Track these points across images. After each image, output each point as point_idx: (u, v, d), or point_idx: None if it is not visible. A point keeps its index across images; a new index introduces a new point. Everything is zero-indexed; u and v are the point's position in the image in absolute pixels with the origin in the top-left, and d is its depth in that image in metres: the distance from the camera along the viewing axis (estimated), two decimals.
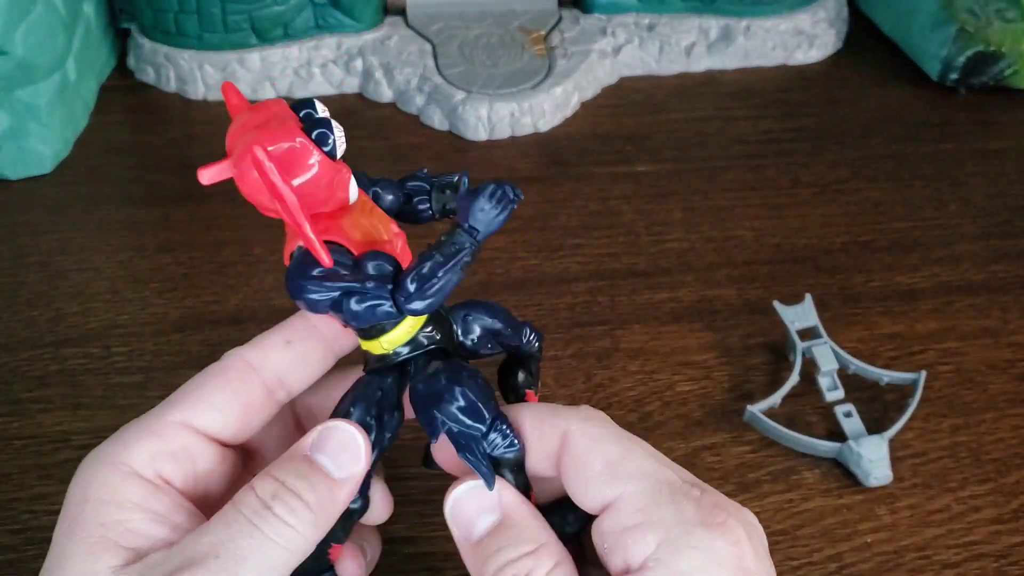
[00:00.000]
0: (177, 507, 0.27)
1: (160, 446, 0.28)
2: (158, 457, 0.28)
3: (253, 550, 0.25)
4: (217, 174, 0.26)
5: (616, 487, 0.26)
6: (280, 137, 0.25)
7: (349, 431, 0.27)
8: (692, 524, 0.25)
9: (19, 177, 0.57)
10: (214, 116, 0.63)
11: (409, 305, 0.27)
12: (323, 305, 0.27)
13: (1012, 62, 0.64)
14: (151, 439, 0.28)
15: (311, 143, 0.26)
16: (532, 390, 0.32)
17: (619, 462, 0.26)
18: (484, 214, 0.27)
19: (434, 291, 0.27)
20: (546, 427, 0.28)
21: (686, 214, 0.55)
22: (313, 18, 0.64)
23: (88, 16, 0.61)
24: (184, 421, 0.28)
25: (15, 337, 0.47)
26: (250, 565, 0.25)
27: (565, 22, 0.67)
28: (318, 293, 0.26)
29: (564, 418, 0.28)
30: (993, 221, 0.56)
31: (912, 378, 0.44)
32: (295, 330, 0.31)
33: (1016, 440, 0.43)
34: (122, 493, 0.27)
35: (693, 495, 0.26)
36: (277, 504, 0.25)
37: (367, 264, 0.27)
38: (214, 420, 0.29)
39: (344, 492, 0.27)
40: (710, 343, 0.47)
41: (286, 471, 0.26)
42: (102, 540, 0.26)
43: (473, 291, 0.50)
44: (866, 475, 0.41)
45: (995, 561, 0.38)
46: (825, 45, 0.69)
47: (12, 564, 0.37)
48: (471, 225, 0.27)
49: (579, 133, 0.62)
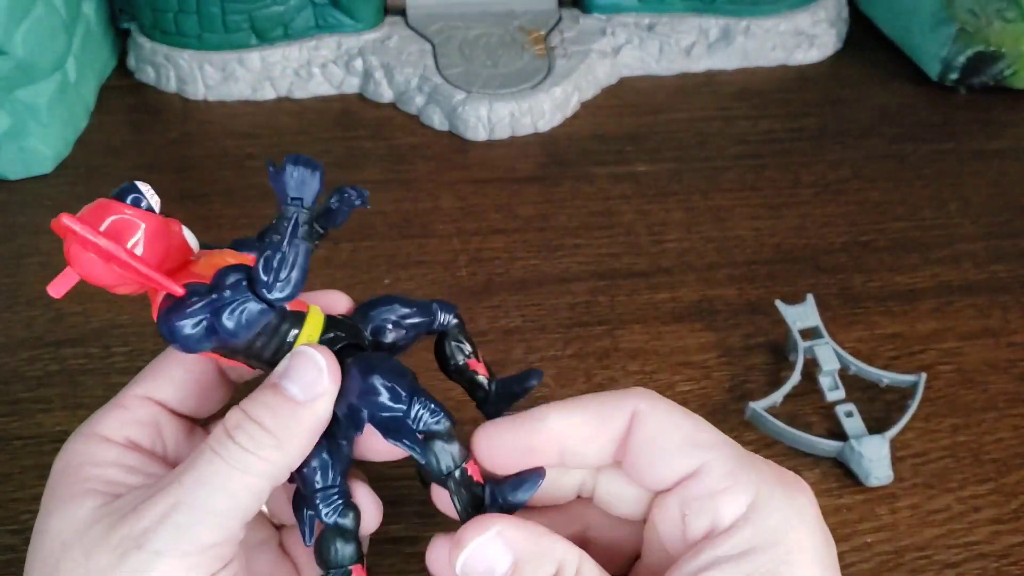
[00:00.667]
0: (150, 461, 0.30)
1: (126, 416, 0.30)
2: (125, 425, 0.30)
3: (213, 474, 0.26)
4: (63, 281, 0.27)
5: (699, 455, 0.28)
6: (97, 214, 0.26)
7: (311, 353, 0.28)
8: (772, 484, 0.27)
9: (19, 177, 0.57)
10: (214, 116, 0.63)
11: (272, 293, 0.27)
12: (197, 337, 0.27)
13: (1012, 62, 0.64)
14: (118, 411, 0.30)
15: (125, 206, 0.27)
16: (472, 358, 0.32)
17: (695, 433, 0.28)
18: (296, 180, 0.27)
19: (287, 269, 0.27)
20: (611, 411, 0.28)
21: (686, 214, 0.55)
22: (313, 18, 0.64)
23: (88, 16, 0.61)
24: (146, 394, 0.31)
25: (15, 337, 0.47)
26: (209, 489, 0.26)
27: (565, 22, 0.67)
28: (188, 324, 0.26)
29: (628, 399, 0.28)
30: (993, 221, 0.56)
31: (912, 380, 0.44)
32: None
33: (1016, 440, 0.43)
34: (97, 455, 0.29)
35: (759, 459, 0.28)
36: (238, 432, 0.27)
37: (220, 280, 0.27)
38: (171, 394, 0.31)
39: (309, 413, 0.27)
40: (710, 343, 0.47)
41: (252, 401, 0.28)
42: (82, 490, 0.28)
43: (473, 291, 0.50)
44: (867, 475, 0.41)
45: (995, 561, 0.38)
46: (825, 45, 0.69)
47: (12, 564, 0.37)
48: (292, 197, 0.27)
49: (579, 133, 0.62)
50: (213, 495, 0.26)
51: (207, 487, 0.26)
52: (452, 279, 0.50)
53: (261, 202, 0.56)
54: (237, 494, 0.26)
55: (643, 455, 0.28)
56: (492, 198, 0.56)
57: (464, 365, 0.32)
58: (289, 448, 0.27)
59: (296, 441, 0.27)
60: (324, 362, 0.28)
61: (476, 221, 0.54)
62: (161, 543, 0.26)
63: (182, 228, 0.29)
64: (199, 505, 0.26)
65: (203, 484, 0.26)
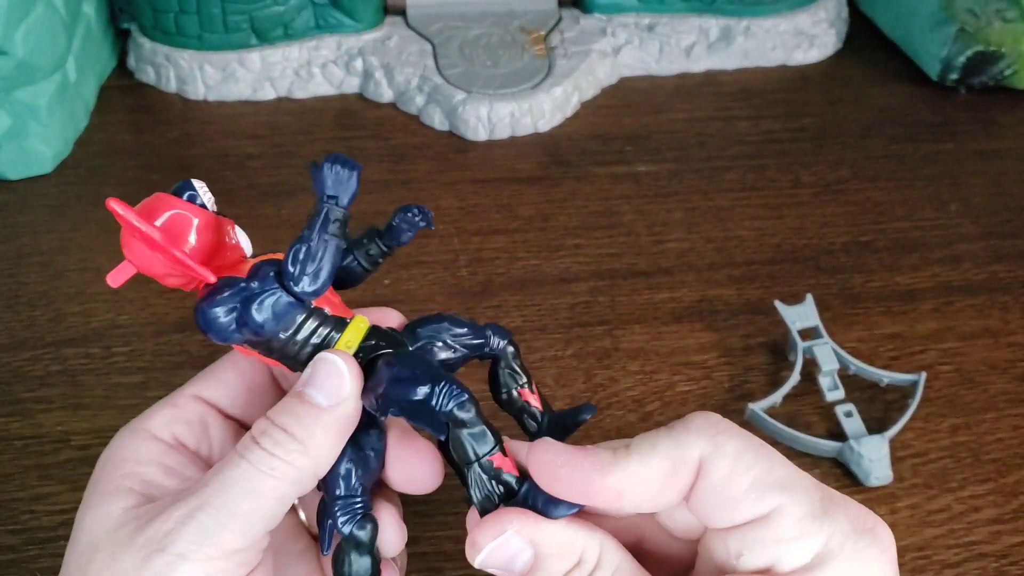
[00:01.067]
0: (190, 463, 0.30)
1: (176, 414, 0.30)
2: (173, 422, 0.30)
3: (239, 478, 0.27)
4: (121, 272, 0.28)
5: (769, 501, 0.26)
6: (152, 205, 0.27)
7: (331, 359, 0.28)
8: (846, 533, 0.26)
9: (20, 177, 0.57)
10: (214, 116, 0.63)
11: (299, 286, 0.27)
12: (227, 325, 0.27)
13: (1012, 62, 0.64)
14: (168, 408, 0.31)
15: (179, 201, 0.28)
16: (525, 388, 0.31)
17: (766, 474, 0.26)
18: (333, 178, 0.28)
19: (315, 261, 0.27)
20: (682, 460, 0.26)
21: (686, 214, 0.55)
22: (313, 18, 0.64)
23: (88, 16, 0.61)
24: (196, 393, 0.31)
25: (16, 337, 0.47)
26: (235, 492, 0.26)
27: (565, 22, 0.67)
28: (219, 312, 0.27)
29: (694, 445, 0.26)
30: (993, 221, 0.56)
31: (912, 379, 0.44)
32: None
33: (1016, 440, 0.43)
34: (139, 451, 0.29)
35: (838, 499, 0.26)
36: (264, 438, 0.27)
37: (254, 273, 0.28)
38: (221, 394, 0.31)
39: (333, 418, 0.28)
40: (710, 343, 0.47)
41: (277, 409, 0.28)
42: (118, 488, 0.28)
43: (473, 291, 0.50)
44: (867, 475, 0.41)
45: (995, 561, 0.38)
46: (825, 45, 0.69)
47: (12, 564, 0.37)
48: (328, 195, 0.28)
49: (579, 133, 0.62)
50: (238, 498, 0.26)
51: (232, 490, 0.26)
52: (452, 279, 0.50)
53: (261, 202, 0.56)
54: (262, 497, 0.27)
55: (709, 500, 0.26)
56: (492, 198, 0.56)
57: (516, 395, 0.31)
58: (314, 452, 0.27)
59: (321, 445, 0.27)
60: (345, 367, 0.28)
61: (476, 221, 0.54)
62: (184, 545, 0.26)
63: (235, 229, 0.29)
64: (223, 508, 0.26)
65: (229, 487, 0.26)
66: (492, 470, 0.28)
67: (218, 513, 0.26)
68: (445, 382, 0.27)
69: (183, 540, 0.26)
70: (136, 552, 0.26)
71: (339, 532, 0.29)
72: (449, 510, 0.40)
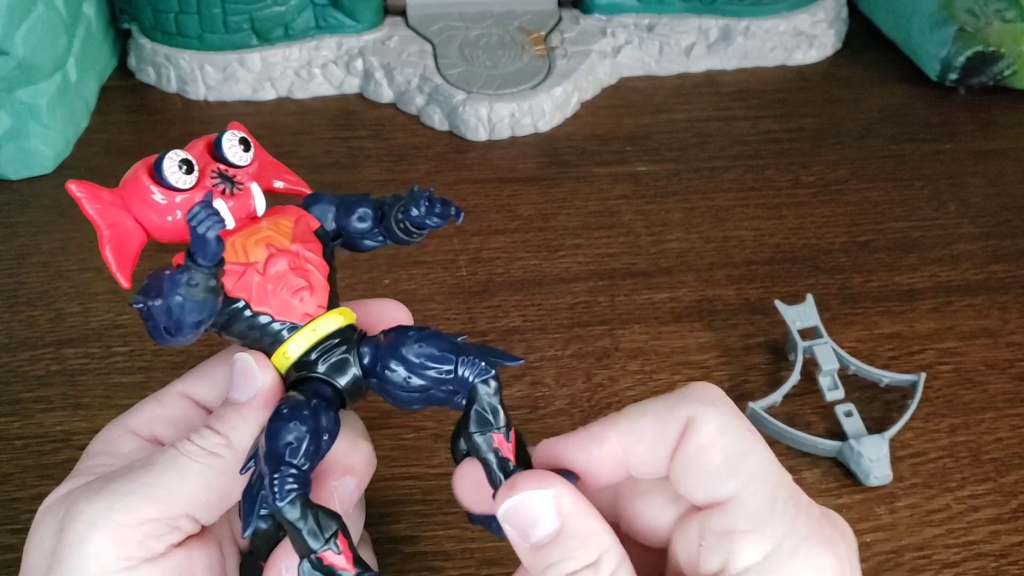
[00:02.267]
0: None
1: (159, 411, 0.31)
2: (156, 421, 0.31)
3: (161, 458, 0.28)
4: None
5: (732, 485, 0.25)
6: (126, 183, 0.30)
7: (242, 358, 0.29)
8: (801, 537, 0.25)
9: (20, 177, 0.57)
10: (214, 116, 0.63)
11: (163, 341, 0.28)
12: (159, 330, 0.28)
13: (1012, 62, 0.64)
14: (152, 405, 0.31)
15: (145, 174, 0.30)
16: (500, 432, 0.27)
17: (739, 458, 0.26)
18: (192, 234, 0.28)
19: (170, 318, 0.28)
20: (670, 417, 0.26)
21: (686, 214, 0.56)
22: (313, 18, 0.64)
23: (89, 16, 0.62)
24: (185, 392, 0.31)
25: (16, 337, 0.47)
26: (156, 468, 0.27)
27: (565, 22, 0.67)
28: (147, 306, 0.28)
29: (686, 404, 0.26)
30: (993, 221, 0.56)
31: (912, 380, 0.44)
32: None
33: (1016, 440, 0.43)
34: (115, 446, 0.30)
35: (803, 502, 0.26)
36: (193, 435, 0.28)
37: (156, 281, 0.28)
38: (209, 392, 0.31)
39: (250, 410, 0.28)
40: (710, 343, 0.48)
41: (212, 417, 0.29)
42: (80, 475, 0.29)
43: (473, 291, 0.50)
44: (866, 474, 0.41)
45: (995, 561, 0.39)
46: (825, 45, 0.69)
47: (13, 564, 0.37)
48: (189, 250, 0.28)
49: (579, 133, 0.62)
50: (156, 472, 0.27)
51: (152, 467, 0.27)
52: (452, 279, 0.51)
53: None
54: (185, 475, 0.27)
55: (681, 467, 0.26)
56: (492, 198, 0.56)
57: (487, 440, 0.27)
58: (237, 443, 0.28)
59: (244, 436, 0.28)
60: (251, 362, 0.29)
61: (476, 221, 0.55)
62: (94, 513, 0.26)
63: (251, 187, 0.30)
64: (138, 479, 0.27)
65: (149, 465, 0.27)
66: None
67: (131, 483, 0.27)
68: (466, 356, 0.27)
69: (93, 508, 0.26)
70: (54, 524, 0.27)
71: (270, 505, 0.26)
72: (449, 510, 0.40)
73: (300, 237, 0.29)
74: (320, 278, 0.29)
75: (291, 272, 0.29)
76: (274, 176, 0.32)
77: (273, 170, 0.32)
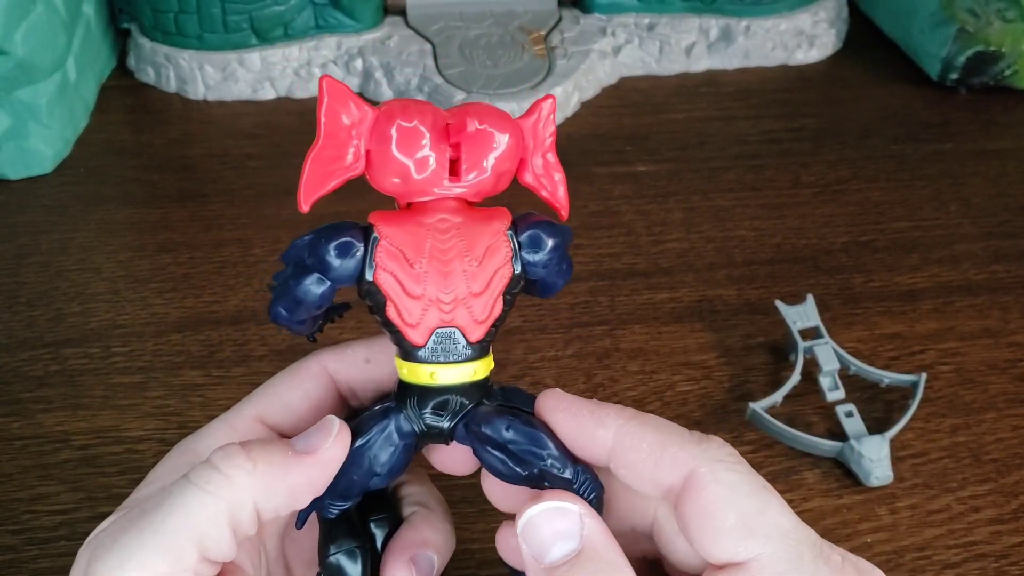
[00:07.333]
0: None
1: (230, 437, 0.28)
2: None
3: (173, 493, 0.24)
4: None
5: (752, 546, 0.24)
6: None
7: (329, 420, 0.26)
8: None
9: (19, 177, 0.57)
10: (214, 116, 0.63)
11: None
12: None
13: (1012, 62, 0.64)
14: (224, 430, 0.29)
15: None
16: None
17: (755, 516, 0.24)
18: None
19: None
20: (666, 458, 0.25)
21: (686, 214, 0.55)
22: (313, 18, 0.64)
23: (88, 16, 0.61)
24: (258, 416, 0.29)
25: (15, 337, 0.47)
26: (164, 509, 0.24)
27: (565, 22, 0.67)
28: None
29: (691, 453, 0.25)
30: (993, 221, 0.56)
31: (912, 380, 0.44)
32: (375, 350, 0.30)
33: (1016, 440, 0.43)
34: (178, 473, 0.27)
35: (833, 560, 0.24)
36: (216, 452, 0.25)
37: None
38: (285, 419, 0.29)
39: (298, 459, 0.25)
40: (710, 343, 0.47)
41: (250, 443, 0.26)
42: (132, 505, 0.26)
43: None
44: (867, 475, 0.41)
45: (995, 561, 0.38)
46: (825, 45, 0.69)
47: (12, 564, 0.37)
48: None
49: (579, 133, 0.62)
50: (165, 515, 0.24)
51: (162, 507, 0.24)
52: None
53: (261, 202, 0.56)
54: (192, 515, 0.24)
55: (691, 523, 0.25)
56: (492, 198, 0.56)
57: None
58: (261, 477, 0.25)
59: (272, 473, 0.25)
60: (336, 430, 0.26)
61: None
62: (104, 569, 0.24)
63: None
64: (147, 526, 0.24)
65: (159, 505, 0.24)
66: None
67: (142, 533, 0.24)
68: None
69: (107, 568, 0.24)
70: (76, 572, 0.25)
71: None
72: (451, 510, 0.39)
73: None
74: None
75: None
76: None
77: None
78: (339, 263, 0.26)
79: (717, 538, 0.24)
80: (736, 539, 0.24)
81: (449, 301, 0.26)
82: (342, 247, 0.26)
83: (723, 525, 0.24)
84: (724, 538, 0.24)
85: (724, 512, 0.24)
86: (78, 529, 0.38)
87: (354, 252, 0.26)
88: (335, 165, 0.26)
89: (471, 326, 0.27)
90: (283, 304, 0.27)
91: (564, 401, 0.27)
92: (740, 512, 0.24)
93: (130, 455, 0.41)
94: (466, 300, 0.27)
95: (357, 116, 0.26)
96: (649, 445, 0.25)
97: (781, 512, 0.24)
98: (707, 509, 0.24)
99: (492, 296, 0.27)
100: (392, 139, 0.26)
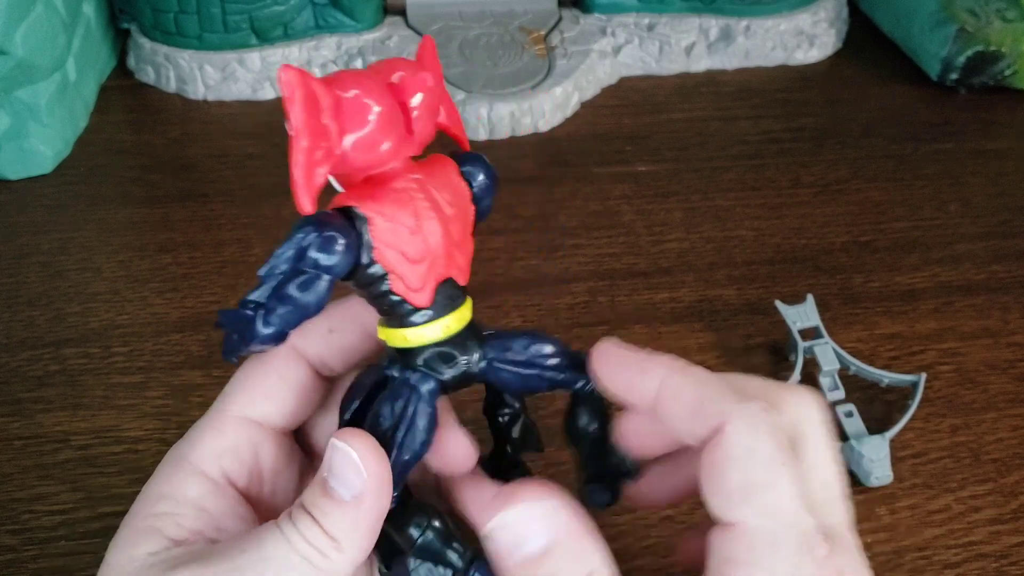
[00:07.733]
0: (232, 512, 0.28)
1: (222, 442, 0.28)
2: (222, 455, 0.28)
3: (276, 555, 0.25)
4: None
5: (741, 513, 0.24)
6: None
7: (345, 451, 0.26)
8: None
9: (19, 177, 0.57)
10: (214, 116, 0.63)
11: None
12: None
13: (1012, 62, 0.64)
14: (215, 436, 0.28)
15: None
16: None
17: (758, 488, 0.24)
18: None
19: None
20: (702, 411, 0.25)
21: (686, 214, 0.55)
22: (313, 18, 0.64)
23: (88, 16, 0.62)
24: (242, 414, 0.29)
25: (15, 337, 0.47)
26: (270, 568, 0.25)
27: (565, 22, 0.67)
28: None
29: (724, 409, 0.25)
30: (993, 221, 0.56)
31: (912, 380, 0.44)
32: (336, 319, 0.30)
33: (1016, 440, 0.43)
34: (181, 489, 0.27)
35: (818, 552, 0.24)
36: (302, 524, 0.25)
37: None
38: (269, 409, 0.29)
39: (364, 508, 0.25)
40: (710, 343, 0.47)
41: (310, 496, 0.26)
42: (148, 528, 0.26)
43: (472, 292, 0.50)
44: (867, 475, 0.41)
45: (995, 561, 0.38)
46: (825, 45, 0.69)
47: (12, 564, 0.37)
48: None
49: (579, 133, 0.62)
50: (270, 573, 0.25)
51: (267, 564, 0.25)
52: None
53: (261, 202, 0.56)
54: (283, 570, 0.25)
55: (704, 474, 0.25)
56: None
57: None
58: (349, 549, 0.25)
59: (355, 539, 0.25)
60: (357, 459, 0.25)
61: None
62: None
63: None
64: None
65: (264, 560, 0.25)
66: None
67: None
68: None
69: None
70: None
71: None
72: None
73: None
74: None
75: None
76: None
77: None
78: (339, 258, 0.25)
79: (716, 494, 0.25)
80: (732, 502, 0.24)
81: (444, 255, 0.27)
82: (338, 241, 0.25)
83: (726, 485, 0.24)
84: (721, 497, 0.25)
85: (730, 473, 0.24)
86: (78, 529, 0.38)
87: (349, 242, 0.25)
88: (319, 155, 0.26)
89: (461, 271, 0.28)
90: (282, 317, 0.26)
91: (615, 352, 0.28)
92: (746, 478, 0.24)
93: (130, 455, 0.41)
94: (455, 248, 0.27)
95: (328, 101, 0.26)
96: (689, 397, 0.26)
97: (786, 493, 0.24)
98: (719, 465, 0.25)
99: (468, 236, 0.28)
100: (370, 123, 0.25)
